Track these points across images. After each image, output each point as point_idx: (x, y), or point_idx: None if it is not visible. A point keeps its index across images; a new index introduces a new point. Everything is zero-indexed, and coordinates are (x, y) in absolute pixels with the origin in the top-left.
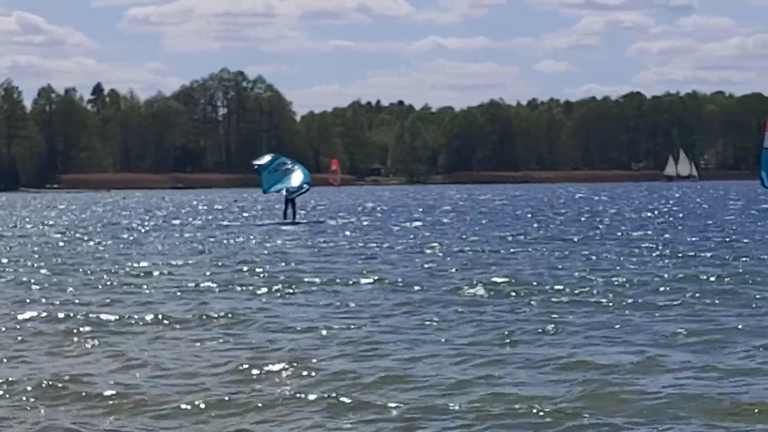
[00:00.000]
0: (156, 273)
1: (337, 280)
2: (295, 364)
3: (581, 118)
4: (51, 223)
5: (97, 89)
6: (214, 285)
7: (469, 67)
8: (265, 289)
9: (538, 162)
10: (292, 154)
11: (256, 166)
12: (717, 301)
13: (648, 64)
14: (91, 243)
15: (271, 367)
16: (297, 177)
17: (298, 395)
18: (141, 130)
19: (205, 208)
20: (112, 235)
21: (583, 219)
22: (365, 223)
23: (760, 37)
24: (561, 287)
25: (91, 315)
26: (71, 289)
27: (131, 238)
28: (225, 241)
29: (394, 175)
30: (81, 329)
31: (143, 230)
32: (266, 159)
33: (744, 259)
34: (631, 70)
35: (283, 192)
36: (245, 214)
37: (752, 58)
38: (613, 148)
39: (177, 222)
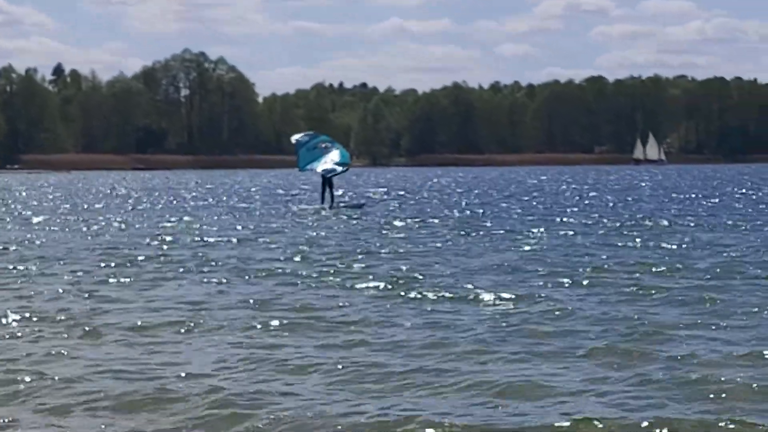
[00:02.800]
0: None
1: None
2: None
3: (544, 101)
4: None
5: (58, 70)
6: None
7: (431, 49)
8: None
9: (500, 145)
10: (254, 136)
11: (294, 141)
12: None
13: (609, 47)
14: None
15: None
16: (333, 156)
17: None
18: (103, 111)
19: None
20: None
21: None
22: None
23: (720, 21)
24: None
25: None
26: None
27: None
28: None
29: (357, 157)
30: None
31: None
32: (302, 135)
33: None
34: (593, 54)
35: (319, 170)
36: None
37: (713, 42)
38: (575, 131)
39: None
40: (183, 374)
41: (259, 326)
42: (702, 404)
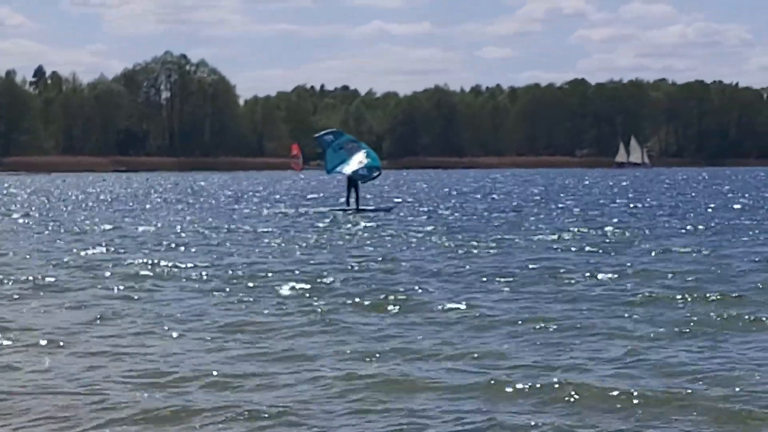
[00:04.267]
0: None
1: None
2: None
3: (526, 104)
4: None
5: (39, 72)
6: None
7: (413, 52)
8: None
9: (482, 148)
10: (235, 139)
11: (318, 139)
12: None
13: (590, 51)
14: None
15: None
16: (360, 157)
17: None
18: (83, 113)
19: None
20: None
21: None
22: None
23: (700, 25)
24: None
25: None
26: None
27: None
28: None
29: None
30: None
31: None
32: (326, 133)
33: None
34: (574, 57)
35: (348, 172)
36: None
37: (693, 46)
38: (557, 134)
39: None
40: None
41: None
42: None
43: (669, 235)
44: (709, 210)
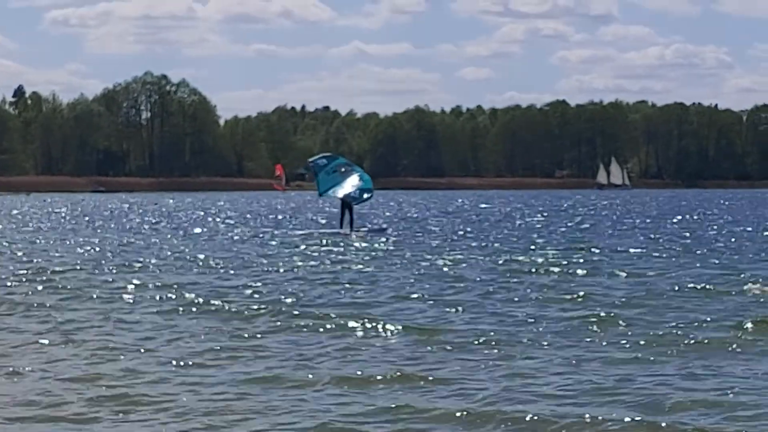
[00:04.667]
0: None
1: None
2: None
3: (506, 125)
4: None
5: (19, 91)
6: None
7: (392, 72)
8: None
9: (462, 168)
10: (216, 159)
11: (311, 164)
12: None
13: (569, 72)
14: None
15: None
16: (353, 181)
17: None
18: (63, 133)
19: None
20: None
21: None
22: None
23: (679, 47)
24: None
25: None
26: None
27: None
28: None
29: None
30: None
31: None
32: (320, 157)
33: None
34: (553, 78)
35: (340, 196)
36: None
37: (671, 68)
38: (536, 155)
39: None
40: None
41: None
42: None
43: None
44: None
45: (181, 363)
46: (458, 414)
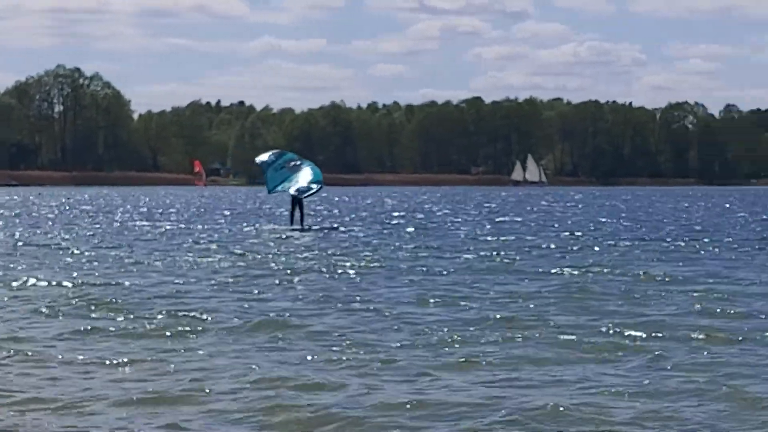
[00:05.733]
0: None
1: None
2: None
3: (421, 121)
4: None
5: None
6: None
7: (307, 68)
8: None
9: (379, 165)
10: (130, 153)
11: (259, 163)
12: None
13: (485, 69)
14: None
15: None
16: (305, 175)
17: None
18: None
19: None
20: None
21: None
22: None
23: (593, 45)
24: None
25: None
26: None
27: None
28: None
29: (233, 176)
30: None
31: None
32: (269, 155)
33: None
34: (468, 75)
35: (291, 191)
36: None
37: (586, 65)
38: (452, 152)
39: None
40: None
41: None
42: None
43: None
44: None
45: None
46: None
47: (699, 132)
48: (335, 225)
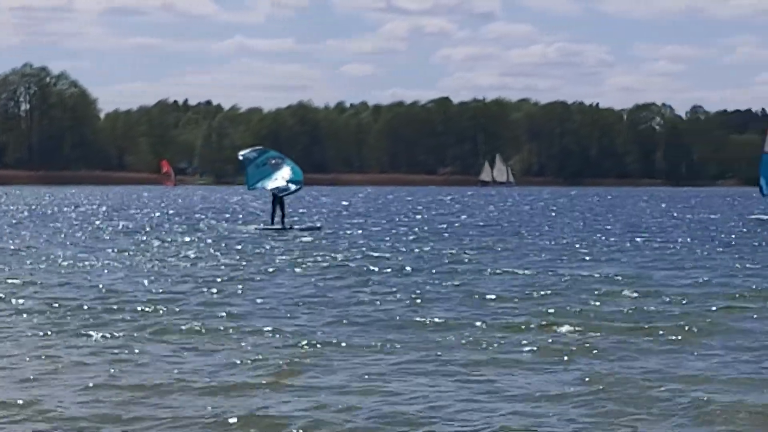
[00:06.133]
0: None
1: None
2: None
3: (389, 122)
4: None
5: None
6: None
7: (275, 68)
8: None
9: (346, 164)
10: (97, 152)
11: (241, 157)
12: None
13: (452, 69)
14: None
15: None
16: (285, 174)
17: None
18: None
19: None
20: None
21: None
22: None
23: (561, 46)
24: None
25: None
26: None
27: None
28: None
29: (201, 175)
30: None
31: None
32: (252, 151)
33: None
34: (436, 75)
35: (269, 188)
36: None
37: (554, 66)
38: (420, 152)
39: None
40: None
41: None
42: None
43: None
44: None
45: None
46: None
47: (666, 133)
48: (319, 225)
